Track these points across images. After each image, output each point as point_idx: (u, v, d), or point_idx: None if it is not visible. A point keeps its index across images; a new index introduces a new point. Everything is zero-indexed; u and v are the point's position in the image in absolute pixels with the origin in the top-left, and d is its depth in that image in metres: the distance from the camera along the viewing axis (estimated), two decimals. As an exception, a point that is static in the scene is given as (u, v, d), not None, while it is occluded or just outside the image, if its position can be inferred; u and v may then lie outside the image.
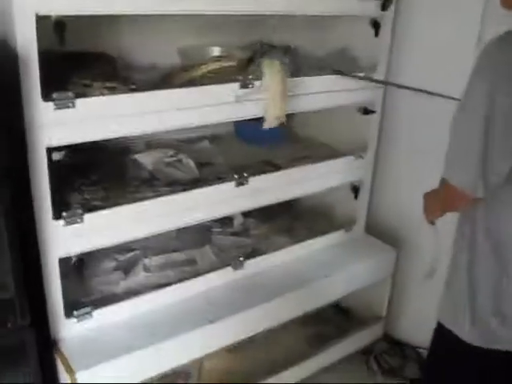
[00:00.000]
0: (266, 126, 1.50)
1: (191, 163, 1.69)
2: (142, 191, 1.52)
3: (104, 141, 1.36)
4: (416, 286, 2.01)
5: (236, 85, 1.49)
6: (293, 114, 1.69)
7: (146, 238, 1.52)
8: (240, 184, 1.63)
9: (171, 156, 1.68)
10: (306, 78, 1.63)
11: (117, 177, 1.57)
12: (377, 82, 1.74)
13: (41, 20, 1.18)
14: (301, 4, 1.56)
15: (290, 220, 2.00)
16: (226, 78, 1.50)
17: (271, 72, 1.45)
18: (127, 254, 1.70)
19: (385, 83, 1.73)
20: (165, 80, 1.53)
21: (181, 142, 1.83)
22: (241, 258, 1.73)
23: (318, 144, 2.00)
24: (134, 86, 1.38)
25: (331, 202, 2.09)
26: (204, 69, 1.55)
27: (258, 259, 1.77)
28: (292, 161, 1.81)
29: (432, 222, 1.29)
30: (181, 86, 1.47)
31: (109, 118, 1.33)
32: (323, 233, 1.96)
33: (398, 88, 1.58)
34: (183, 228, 1.59)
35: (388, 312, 2.07)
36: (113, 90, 1.35)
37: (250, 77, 1.48)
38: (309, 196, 1.93)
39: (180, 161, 1.70)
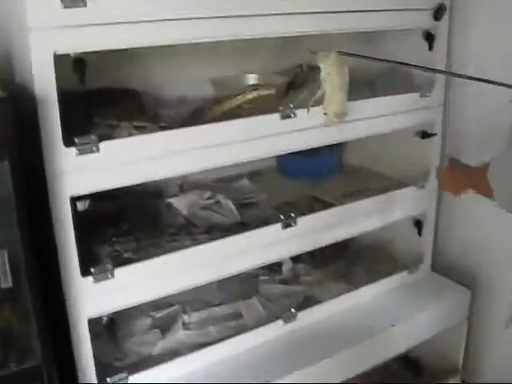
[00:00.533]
0: (327, 123, 1.42)
1: (230, 205, 1.61)
2: (177, 239, 1.45)
3: (134, 185, 1.29)
4: (497, 331, 1.86)
5: (276, 116, 1.41)
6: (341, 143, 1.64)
7: (185, 292, 1.43)
8: (287, 225, 1.53)
9: (208, 198, 1.62)
10: (358, 102, 1.54)
11: (149, 224, 1.51)
12: (447, 73, 1.63)
13: (59, 58, 1.14)
14: (348, 20, 1.47)
15: (346, 263, 1.89)
16: (264, 107, 1.42)
17: (327, 64, 1.39)
18: (164, 311, 1.62)
19: (458, 76, 1.58)
20: (197, 114, 1.48)
21: (217, 182, 1.76)
22: (292, 310, 1.62)
23: (371, 174, 1.91)
24: (164, 124, 1.34)
25: (391, 240, 1.96)
26: (240, 99, 1.49)
27: (312, 309, 1.67)
28: (344, 196, 1.71)
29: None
30: (214, 120, 1.39)
31: (137, 160, 1.26)
32: (384, 275, 1.82)
33: (477, 81, 1.36)
34: (226, 278, 1.50)
35: (465, 363, 1.92)
36: (141, 130, 1.30)
37: (291, 106, 1.41)
38: (365, 234, 1.83)
39: (218, 203, 1.63)
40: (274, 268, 1.77)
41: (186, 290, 1.42)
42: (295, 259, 1.78)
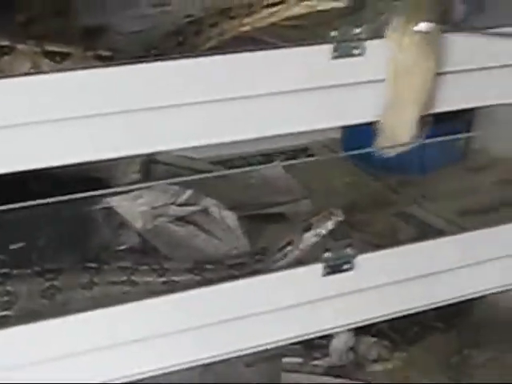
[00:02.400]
0: (378, 146, 1.14)
1: (230, 218, 1.16)
2: (121, 281, 1.09)
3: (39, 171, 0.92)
4: None
5: (326, 50, 0.98)
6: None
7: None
8: (334, 269, 1.08)
9: (186, 203, 1.20)
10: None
11: (67, 249, 1.14)
12: None
13: None
14: None
15: (458, 344, 1.47)
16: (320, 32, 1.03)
17: (407, 41, 1.06)
18: None
19: None
20: (185, 39, 1.09)
21: (216, 166, 1.35)
22: None
23: None
24: (107, 53, 0.97)
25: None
26: (275, 14, 1.13)
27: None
28: (464, 213, 1.29)
29: None
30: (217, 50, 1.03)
31: (48, 123, 0.87)
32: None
33: None
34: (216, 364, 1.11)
35: None
36: (60, 59, 0.95)
37: (358, 31, 1.00)
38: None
39: (205, 212, 1.20)
40: (313, 345, 1.38)
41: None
42: (358, 331, 1.38)
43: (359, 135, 1.32)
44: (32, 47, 0.93)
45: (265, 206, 1.29)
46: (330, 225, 1.04)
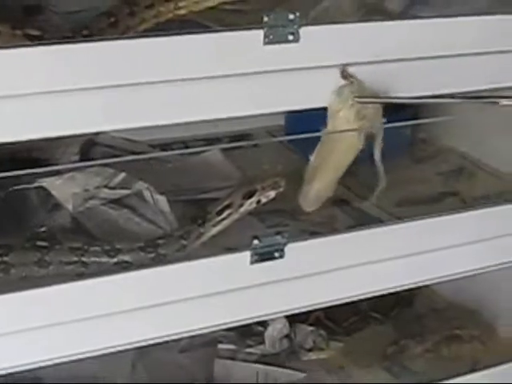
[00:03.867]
0: (303, 205, 1.21)
1: (162, 202, 1.16)
2: (52, 262, 1.06)
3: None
4: None
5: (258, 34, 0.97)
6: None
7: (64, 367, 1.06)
8: (262, 257, 1.07)
9: (120, 186, 1.20)
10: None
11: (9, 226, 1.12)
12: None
13: None
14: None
15: (396, 332, 1.48)
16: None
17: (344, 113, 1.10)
18: None
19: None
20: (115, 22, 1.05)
21: (156, 149, 1.35)
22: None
23: (471, 167, 1.53)
24: (37, 33, 0.97)
25: (493, 299, 1.55)
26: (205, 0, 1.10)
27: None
28: (404, 202, 1.30)
29: None
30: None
31: None
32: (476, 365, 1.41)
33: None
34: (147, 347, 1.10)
35: None
36: None
37: (292, 17, 0.99)
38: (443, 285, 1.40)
39: (139, 195, 1.20)
40: (248, 332, 1.37)
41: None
42: (295, 320, 1.38)
43: (302, 121, 1.27)
44: None
45: (202, 191, 1.29)
46: (272, 194, 1.06)
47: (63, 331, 0.98)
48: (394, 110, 1.16)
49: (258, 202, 1.08)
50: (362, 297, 1.20)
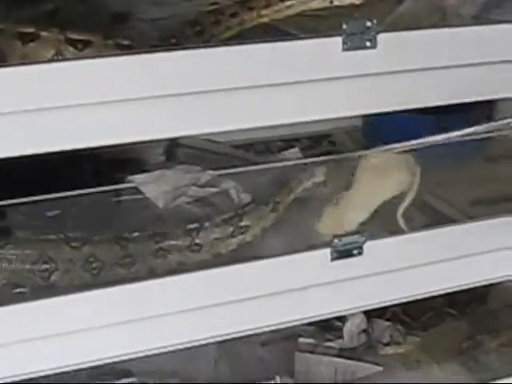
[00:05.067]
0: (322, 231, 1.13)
1: (246, 199, 1.20)
2: (140, 260, 1.08)
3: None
4: None
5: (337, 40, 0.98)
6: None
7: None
8: (342, 254, 1.09)
9: (208, 184, 1.23)
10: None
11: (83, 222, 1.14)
12: None
13: None
14: None
15: (471, 328, 1.47)
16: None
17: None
18: None
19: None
20: (204, 29, 1.10)
21: (239, 149, 1.38)
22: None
23: None
24: (127, 42, 0.99)
25: None
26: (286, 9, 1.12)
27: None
28: (476, 202, 1.29)
29: None
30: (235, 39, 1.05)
31: (74, 108, 0.89)
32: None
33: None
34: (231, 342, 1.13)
35: None
36: (82, 47, 0.95)
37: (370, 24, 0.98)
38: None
39: (225, 194, 1.24)
40: (328, 327, 1.40)
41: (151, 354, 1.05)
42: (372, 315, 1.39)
43: (380, 123, 1.39)
44: (56, 34, 0.94)
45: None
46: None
47: (147, 325, 1.01)
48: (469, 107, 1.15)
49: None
50: (437, 293, 1.20)
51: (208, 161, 1.31)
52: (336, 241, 1.04)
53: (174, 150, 1.34)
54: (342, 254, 1.07)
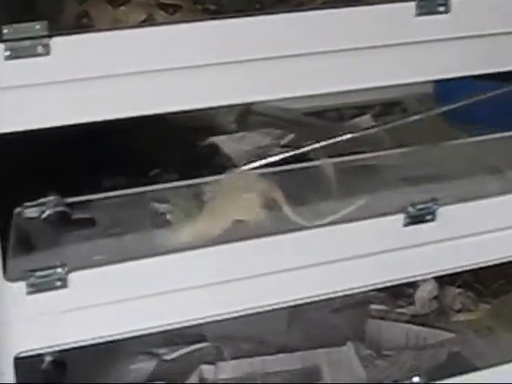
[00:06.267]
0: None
1: (327, 165, 1.19)
2: None
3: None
4: None
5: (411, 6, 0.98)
6: None
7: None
8: (416, 219, 1.10)
9: (288, 145, 1.22)
10: None
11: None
12: None
13: None
14: None
15: None
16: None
17: None
18: (183, 348, 1.25)
19: None
20: None
21: (308, 117, 1.36)
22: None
23: None
24: (214, 7, 1.01)
25: None
26: None
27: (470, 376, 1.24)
28: None
29: None
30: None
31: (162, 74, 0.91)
32: None
33: None
34: (300, 306, 1.16)
35: None
36: (169, 11, 0.97)
37: None
38: None
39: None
40: (398, 293, 1.38)
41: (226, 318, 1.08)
42: (443, 282, 1.38)
43: (451, 89, 1.36)
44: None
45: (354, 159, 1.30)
46: None
47: (225, 289, 1.03)
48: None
49: None
50: (509, 260, 1.20)
51: (279, 128, 1.30)
52: (409, 207, 1.05)
53: (245, 118, 1.34)
54: (415, 219, 1.08)
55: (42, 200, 0.97)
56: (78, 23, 0.93)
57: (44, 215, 0.96)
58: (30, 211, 0.98)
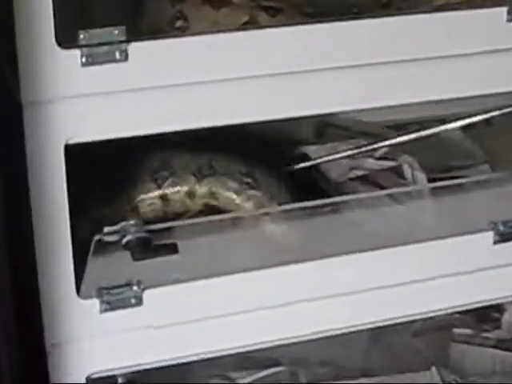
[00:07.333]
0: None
1: (421, 177, 1.17)
2: None
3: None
4: None
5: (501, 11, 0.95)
6: None
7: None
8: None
9: (382, 158, 1.20)
10: None
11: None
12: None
13: None
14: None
15: None
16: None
17: None
18: (258, 373, 1.24)
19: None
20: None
21: (388, 130, 1.32)
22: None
23: None
24: (312, 11, 0.98)
25: None
26: None
27: None
28: None
29: None
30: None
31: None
32: None
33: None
34: (382, 329, 1.13)
35: None
36: (271, 14, 0.94)
37: None
38: None
39: (396, 169, 1.21)
40: (485, 317, 1.35)
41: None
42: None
43: None
44: (247, 1, 0.93)
45: (445, 170, 1.26)
46: None
47: (299, 310, 1.00)
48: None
49: None
50: None
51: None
52: (500, 224, 1.01)
53: (322, 130, 1.30)
54: (505, 237, 1.04)
55: (122, 224, 0.94)
56: (172, 25, 0.91)
57: (124, 241, 0.93)
58: (110, 237, 0.96)
